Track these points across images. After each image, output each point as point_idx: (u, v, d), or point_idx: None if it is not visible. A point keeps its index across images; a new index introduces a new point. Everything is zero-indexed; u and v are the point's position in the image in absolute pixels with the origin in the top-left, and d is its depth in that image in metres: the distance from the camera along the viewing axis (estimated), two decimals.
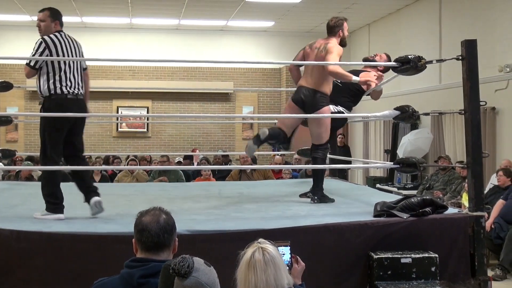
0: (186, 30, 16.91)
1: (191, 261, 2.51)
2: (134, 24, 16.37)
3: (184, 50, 16.69)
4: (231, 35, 17.09)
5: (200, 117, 17.11)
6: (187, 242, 3.80)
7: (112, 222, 4.81)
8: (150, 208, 3.00)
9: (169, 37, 16.96)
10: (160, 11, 14.83)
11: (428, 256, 4.58)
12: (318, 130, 6.10)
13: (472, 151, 5.02)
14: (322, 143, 6.11)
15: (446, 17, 12.36)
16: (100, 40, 16.42)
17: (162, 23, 16.37)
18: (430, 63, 5.42)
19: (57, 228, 4.56)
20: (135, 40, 16.64)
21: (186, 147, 16.89)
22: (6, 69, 16.02)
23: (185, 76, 17.15)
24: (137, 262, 2.86)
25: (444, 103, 11.55)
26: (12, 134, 16.47)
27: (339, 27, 6.24)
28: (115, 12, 14.91)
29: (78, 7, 14.19)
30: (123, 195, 6.75)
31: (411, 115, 5.50)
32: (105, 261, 4.27)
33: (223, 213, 5.37)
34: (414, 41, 13.39)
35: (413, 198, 5.07)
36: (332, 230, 4.70)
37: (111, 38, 16.60)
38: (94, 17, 15.51)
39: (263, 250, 2.84)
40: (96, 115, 15.57)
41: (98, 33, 16.56)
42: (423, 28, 13.18)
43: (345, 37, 6.26)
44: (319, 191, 6.06)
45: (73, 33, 5.83)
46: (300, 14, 14.92)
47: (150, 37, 16.82)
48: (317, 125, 6.08)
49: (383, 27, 15.45)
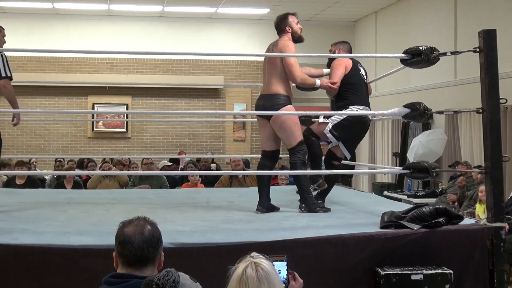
0: (170, 18, 16.91)
1: (176, 275, 2.51)
2: (112, 11, 16.36)
3: (169, 40, 16.69)
4: (221, 23, 17.09)
5: (186, 114, 17.11)
6: (171, 256, 3.79)
7: (86, 234, 4.80)
8: (134, 218, 2.98)
9: (152, 25, 16.96)
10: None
11: (441, 272, 4.57)
12: (283, 135, 6.21)
13: (490, 155, 5.03)
14: (294, 145, 6.16)
15: (462, 5, 12.39)
16: (74, 29, 16.41)
17: (143, 10, 16.37)
18: (444, 55, 5.43)
19: (25, 240, 4.54)
20: (113, 29, 16.62)
21: (171, 149, 16.89)
22: None
23: (169, 69, 17.15)
24: (117, 278, 2.84)
25: (460, 101, 11.59)
26: None
27: (284, 23, 6.36)
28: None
29: None
30: (99, 204, 6.74)
31: (422, 113, 5.51)
32: (79, 277, 4.27)
33: (211, 224, 5.37)
34: (426, 31, 13.42)
35: (425, 208, 5.07)
36: (334, 243, 4.70)
37: (87, 26, 16.58)
38: (68, 3, 15.49)
39: (256, 265, 2.83)
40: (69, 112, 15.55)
41: (72, 21, 16.55)
42: (437, 17, 13.21)
43: (297, 31, 6.38)
44: (307, 199, 6.09)
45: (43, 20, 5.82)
46: (299, 0, 14.93)
47: (130, 25, 16.81)
48: (280, 130, 6.19)
49: (391, 15, 15.49)
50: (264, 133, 6.36)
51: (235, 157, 12.19)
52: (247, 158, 14.72)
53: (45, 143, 16.65)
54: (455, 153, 12.26)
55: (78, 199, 7.20)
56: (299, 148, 6.16)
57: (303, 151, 6.18)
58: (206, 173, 11.82)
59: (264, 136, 6.38)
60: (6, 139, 16.33)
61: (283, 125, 6.12)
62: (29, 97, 16.33)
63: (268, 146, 6.35)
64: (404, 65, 5.64)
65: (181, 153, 15.50)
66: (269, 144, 6.34)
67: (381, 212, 5.29)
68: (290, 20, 6.36)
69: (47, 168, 15.42)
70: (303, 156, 6.18)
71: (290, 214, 5.90)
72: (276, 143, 6.35)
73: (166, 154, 16.44)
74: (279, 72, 6.17)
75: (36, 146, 16.53)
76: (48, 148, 16.54)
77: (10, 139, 16.43)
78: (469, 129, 11.64)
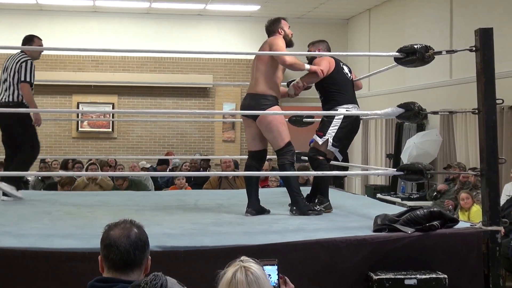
0: (158, 15, 16.89)
1: (164, 279, 2.52)
2: (98, 7, 16.32)
3: (156, 38, 16.66)
4: (210, 20, 17.09)
5: (174, 114, 17.09)
6: (158, 259, 3.79)
7: (70, 237, 4.79)
8: (120, 221, 2.99)
9: (139, 22, 16.93)
10: None
11: (435, 277, 4.59)
12: (270, 136, 6.23)
13: (486, 156, 5.04)
14: (282, 146, 6.18)
15: (458, 2, 12.43)
16: (58, 25, 16.37)
17: (130, 6, 16.34)
18: (439, 54, 5.45)
19: (6, 243, 4.53)
20: (99, 26, 16.59)
21: (158, 149, 16.85)
22: None
23: (156, 68, 17.11)
24: (102, 282, 2.85)
25: (455, 101, 11.62)
26: None
27: (277, 26, 6.43)
28: None
29: None
30: (84, 206, 6.73)
31: (417, 114, 5.52)
32: (63, 282, 4.27)
33: (200, 227, 5.36)
34: (421, 30, 13.45)
35: (419, 211, 5.08)
36: (325, 246, 4.71)
37: (72, 23, 16.54)
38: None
39: (246, 269, 2.83)
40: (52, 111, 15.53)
41: (56, 17, 16.50)
42: (432, 15, 13.25)
43: (288, 35, 6.44)
44: (299, 201, 6.09)
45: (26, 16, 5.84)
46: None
47: (117, 22, 16.78)
48: (267, 131, 6.20)
49: (385, 13, 15.51)
50: (249, 133, 6.38)
51: (225, 158, 12.19)
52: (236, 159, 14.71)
53: None
54: (450, 154, 12.29)
55: (63, 201, 7.18)
56: (287, 149, 6.17)
57: (291, 152, 6.20)
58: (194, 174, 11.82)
59: (250, 136, 6.40)
60: None
61: (270, 125, 6.13)
62: None
63: (254, 146, 6.36)
64: (398, 64, 5.65)
65: (169, 154, 15.46)
66: (255, 144, 6.35)
67: (374, 215, 5.30)
68: (283, 24, 6.42)
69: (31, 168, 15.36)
70: (292, 157, 6.19)
71: (280, 217, 5.91)
72: (262, 143, 6.36)
73: (153, 155, 16.40)
74: (267, 70, 6.19)
75: None
76: None
77: None
78: (465, 130, 11.66)
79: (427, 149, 12.24)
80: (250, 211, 6.08)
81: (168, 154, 15.35)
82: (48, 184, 11.26)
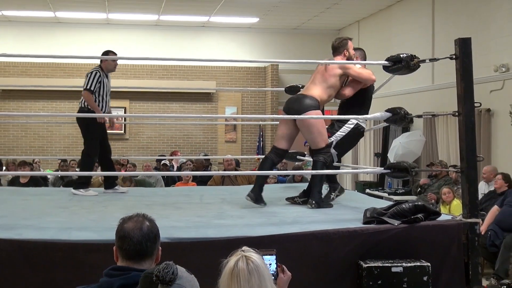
0: (166, 26, 16.91)
1: (175, 267, 2.52)
2: (110, 19, 16.33)
3: (164, 47, 16.68)
4: (213, 31, 17.10)
5: (181, 117, 17.09)
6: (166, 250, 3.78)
7: (87, 230, 4.78)
8: (133, 214, 2.99)
9: (148, 33, 16.95)
10: (139, 6, 14.81)
11: (420, 265, 4.59)
12: (310, 136, 6.14)
13: (466, 155, 5.05)
14: (321, 147, 6.09)
15: (439, 14, 12.44)
16: (74, 36, 16.38)
17: (140, 19, 16.34)
18: (423, 62, 5.45)
19: (28, 235, 4.53)
20: (111, 36, 16.59)
21: (166, 149, 16.86)
22: None
23: (164, 75, 17.12)
24: (117, 270, 2.85)
25: (437, 104, 11.63)
26: None
27: (344, 47, 6.39)
28: (91, 6, 14.87)
29: (51, 1, 14.14)
30: (98, 202, 6.72)
31: (403, 118, 5.52)
32: (80, 271, 4.26)
33: (204, 220, 5.36)
34: (405, 39, 13.46)
35: (405, 204, 5.08)
36: (319, 237, 4.71)
37: (86, 34, 16.55)
38: (68, 11, 15.45)
39: (247, 258, 2.83)
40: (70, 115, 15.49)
41: (72, 29, 16.52)
42: (415, 25, 13.26)
43: (352, 57, 6.42)
44: (317, 196, 6.05)
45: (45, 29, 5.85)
46: (286, 10, 14.96)
47: (128, 33, 16.79)
48: (308, 131, 6.11)
49: (373, 24, 15.52)
50: (282, 130, 6.29)
51: (227, 158, 12.17)
52: (237, 159, 14.71)
53: (48, 144, 16.61)
54: (432, 153, 12.30)
55: (79, 197, 7.18)
56: (325, 149, 6.09)
57: (328, 154, 6.13)
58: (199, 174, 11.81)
59: (280, 133, 6.30)
60: (11, 140, 16.39)
61: (311, 125, 6.04)
62: (33, 100, 16.29)
63: (280, 144, 6.28)
64: (386, 71, 5.65)
65: (175, 153, 15.47)
66: (281, 142, 6.27)
67: (364, 209, 5.30)
68: (349, 45, 6.42)
69: (49, 167, 15.37)
70: (327, 157, 6.11)
71: (278, 210, 5.89)
72: (288, 144, 6.30)
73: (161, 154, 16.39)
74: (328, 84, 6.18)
75: (39, 147, 16.48)
76: (50, 149, 16.50)
77: (15, 140, 16.41)
78: (446, 131, 11.67)
79: (411, 148, 12.24)
80: (250, 195, 6.07)
81: (174, 154, 15.35)
82: (67, 181, 11.26)
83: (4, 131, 16.43)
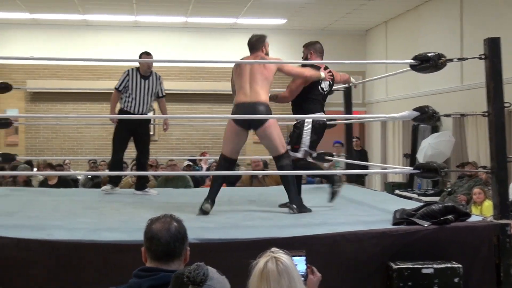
0: (193, 28, 16.95)
1: (206, 269, 2.52)
2: (139, 22, 16.42)
3: (192, 49, 16.72)
4: (241, 33, 16.99)
5: (209, 118, 17.10)
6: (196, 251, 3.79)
7: (116, 230, 4.82)
8: (161, 215, 3.00)
9: (176, 35, 17.00)
10: (167, 8, 14.87)
11: (451, 267, 4.55)
12: (271, 144, 6.09)
13: (496, 156, 5.00)
14: (282, 153, 6.07)
15: (467, 14, 12.32)
16: (103, 39, 16.50)
17: (168, 21, 16.41)
18: (451, 61, 5.41)
19: (59, 236, 4.57)
20: (140, 38, 16.65)
21: (195, 151, 16.90)
22: (5, 69, 16.07)
23: (192, 76, 17.16)
24: (146, 271, 2.86)
25: (467, 105, 11.52)
26: (12, 137, 16.53)
27: (262, 43, 6.37)
28: (119, 9, 14.96)
29: (80, 4, 14.24)
30: (128, 203, 6.76)
31: (431, 116, 5.48)
32: (109, 271, 4.29)
33: (233, 221, 5.37)
34: (433, 39, 13.35)
35: (434, 205, 5.05)
36: (349, 238, 4.69)
37: (115, 37, 16.66)
38: (97, 14, 15.57)
39: (276, 260, 2.82)
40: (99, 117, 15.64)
41: (101, 31, 16.63)
42: (444, 25, 13.15)
43: (268, 52, 6.45)
44: (296, 200, 5.98)
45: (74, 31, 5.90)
46: (314, 11, 14.93)
47: (156, 35, 16.84)
48: (270, 140, 6.07)
49: (401, 25, 15.43)
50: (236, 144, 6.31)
51: (255, 158, 12.15)
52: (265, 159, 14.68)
53: (78, 146, 16.74)
54: (462, 154, 12.18)
55: (109, 198, 7.23)
56: (286, 153, 6.11)
57: (288, 155, 6.16)
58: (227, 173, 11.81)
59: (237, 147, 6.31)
60: (42, 142, 16.55)
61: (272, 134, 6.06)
62: (63, 102, 16.43)
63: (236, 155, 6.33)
64: (413, 70, 5.61)
65: (204, 154, 15.49)
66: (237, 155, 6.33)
67: (393, 210, 5.27)
68: (266, 43, 6.41)
69: (80, 169, 15.50)
70: (289, 159, 6.14)
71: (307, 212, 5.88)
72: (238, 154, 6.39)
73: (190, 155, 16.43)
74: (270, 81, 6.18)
75: (70, 148, 16.61)
76: (80, 150, 16.62)
77: (46, 142, 16.57)
78: (476, 131, 11.56)
79: (441, 149, 12.13)
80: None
81: (203, 155, 15.38)
82: (96, 182, 11.33)
83: (35, 132, 16.59)
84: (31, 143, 16.57)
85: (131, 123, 7.66)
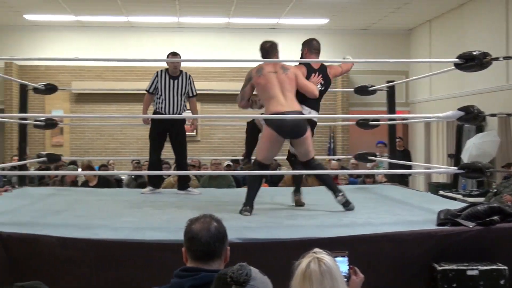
0: (236, 29, 16.99)
1: (249, 269, 2.52)
2: (182, 23, 16.52)
3: (234, 49, 16.75)
4: (283, 33, 17.06)
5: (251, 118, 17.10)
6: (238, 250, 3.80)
7: (160, 230, 4.86)
8: (201, 215, 3.00)
9: (218, 36, 17.06)
10: (209, 9, 14.94)
11: (497, 268, 4.48)
12: (307, 150, 6.17)
13: None
14: (311, 157, 6.18)
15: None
16: (146, 40, 16.63)
17: (211, 22, 16.49)
18: (496, 59, 5.35)
19: (104, 235, 4.62)
20: (182, 39, 16.76)
21: (237, 151, 16.92)
22: (50, 70, 16.32)
23: (235, 77, 17.16)
24: (187, 271, 2.86)
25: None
26: (58, 138, 16.77)
27: (275, 50, 6.89)
28: (162, 10, 15.08)
29: (123, 6, 14.39)
30: (171, 202, 6.80)
31: (476, 116, 5.41)
32: (153, 270, 4.32)
33: (275, 221, 5.37)
34: (478, 38, 13.17)
35: (479, 206, 4.98)
36: (392, 239, 4.65)
37: (158, 38, 16.77)
38: (140, 16, 15.71)
39: (319, 260, 2.81)
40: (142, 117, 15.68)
41: (144, 32, 16.77)
42: (488, 24, 12.97)
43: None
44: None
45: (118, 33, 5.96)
46: (357, 10, 14.84)
47: (198, 36, 16.94)
48: (306, 147, 6.15)
49: (445, 24, 15.25)
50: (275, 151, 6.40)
51: None
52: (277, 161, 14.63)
53: (122, 146, 16.90)
54: (508, 154, 12.00)
55: (152, 198, 7.28)
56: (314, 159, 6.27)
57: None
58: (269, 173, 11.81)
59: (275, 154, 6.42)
60: (87, 142, 16.76)
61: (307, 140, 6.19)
62: (107, 103, 16.60)
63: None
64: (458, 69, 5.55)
65: None
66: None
67: (437, 210, 5.22)
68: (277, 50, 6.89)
69: (123, 169, 15.64)
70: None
71: (349, 212, 5.86)
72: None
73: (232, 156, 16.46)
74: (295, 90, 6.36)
75: (113, 148, 16.78)
76: (124, 151, 16.78)
77: (90, 142, 16.77)
78: None
79: (486, 149, 11.97)
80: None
81: None
82: (140, 182, 11.41)
83: (80, 133, 16.80)
84: (75, 143, 16.78)
85: (162, 124, 7.68)
